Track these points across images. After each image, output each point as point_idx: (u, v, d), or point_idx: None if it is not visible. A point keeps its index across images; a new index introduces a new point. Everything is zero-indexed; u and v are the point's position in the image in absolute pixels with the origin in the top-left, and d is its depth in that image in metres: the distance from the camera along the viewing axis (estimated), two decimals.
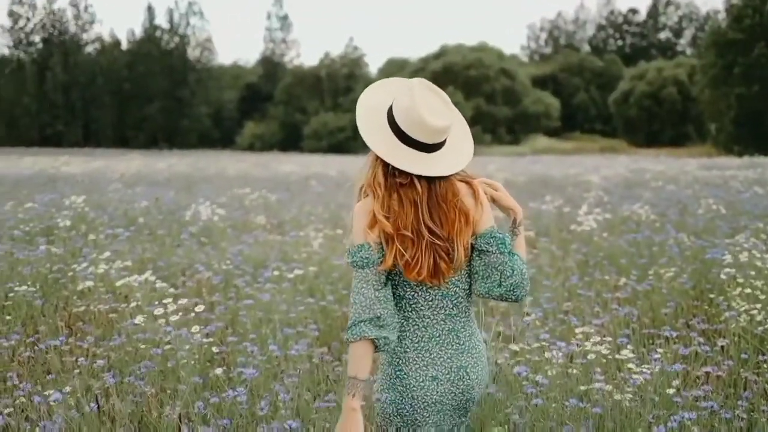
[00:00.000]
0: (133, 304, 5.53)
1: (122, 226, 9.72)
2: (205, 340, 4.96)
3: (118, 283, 5.90)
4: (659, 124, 69.06)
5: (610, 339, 4.66)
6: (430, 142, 2.65)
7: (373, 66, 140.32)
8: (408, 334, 2.76)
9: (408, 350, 2.76)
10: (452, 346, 2.77)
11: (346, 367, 2.72)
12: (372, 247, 2.65)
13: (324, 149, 62.11)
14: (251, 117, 75.04)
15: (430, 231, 2.66)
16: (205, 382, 4.58)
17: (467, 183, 2.77)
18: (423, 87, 2.68)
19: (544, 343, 4.68)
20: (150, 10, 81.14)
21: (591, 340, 4.64)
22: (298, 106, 73.03)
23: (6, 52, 79.96)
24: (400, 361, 2.77)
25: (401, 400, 2.76)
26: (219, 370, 4.53)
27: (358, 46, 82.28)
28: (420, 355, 2.75)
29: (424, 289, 2.74)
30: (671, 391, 4.30)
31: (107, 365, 4.72)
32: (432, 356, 2.75)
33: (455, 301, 2.77)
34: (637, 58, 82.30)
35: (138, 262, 7.78)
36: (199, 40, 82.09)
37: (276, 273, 6.61)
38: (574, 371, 4.43)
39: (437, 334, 2.76)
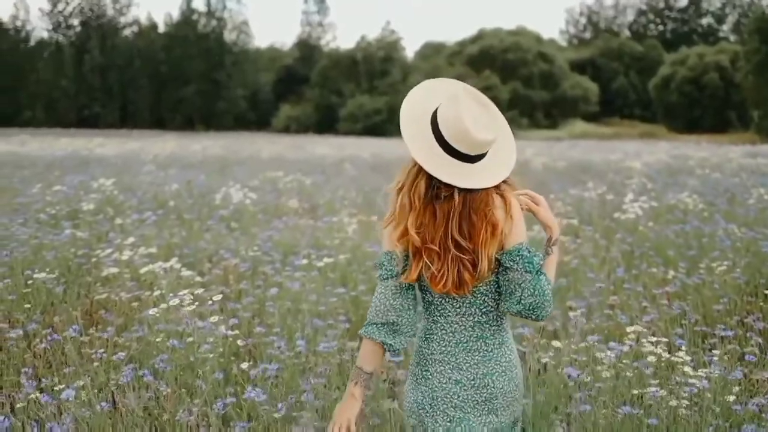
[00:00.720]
0: (156, 293, 5.27)
1: (151, 209, 9.49)
2: (230, 332, 4.69)
3: (142, 270, 5.63)
4: (700, 110, 67.90)
5: (665, 339, 4.29)
6: (474, 154, 2.62)
7: (410, 49, 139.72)
8: (435, 337, 2.76)
9: (434, 353, 2.76)
10: (479, 353, 2.73)
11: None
12: (398, 258, 2.69)
13: (359, 132, 61.85)
14: (287, 99, 74.93)
15: (457, 244, 2.63)
16: (228, 377, 4.30)
17: (501, 196, 2.69)
18: (469, 97, 2.63)
19: (593, 343, 4.33)
20: None
21: (645, 339, 4.30)
22: (334, 89, 72.77)
23: (45, 35, 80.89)
24: (427, 363, 2.77)
25: (422, 400, 2.76)
26: (244, 365, 4.25)
27: (394, 30, 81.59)
28: (446, 359, 2.74)
29: (452, 297, 2.72)
30: (731, 398, 3.95)
31: (127, 359, 4.46)
32: (458, 361, 2.74)
33: (484, 310, 2.73)
34: (678, 44, 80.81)
35: (164, 247, 7.50)
36: (235, 23, 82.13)
37: (305, 261, 6.29)
38: (627, 374, 4.07)
39: (464, 340, 2.74)
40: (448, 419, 2.72)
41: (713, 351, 4.66)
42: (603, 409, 3.81)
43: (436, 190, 2.63)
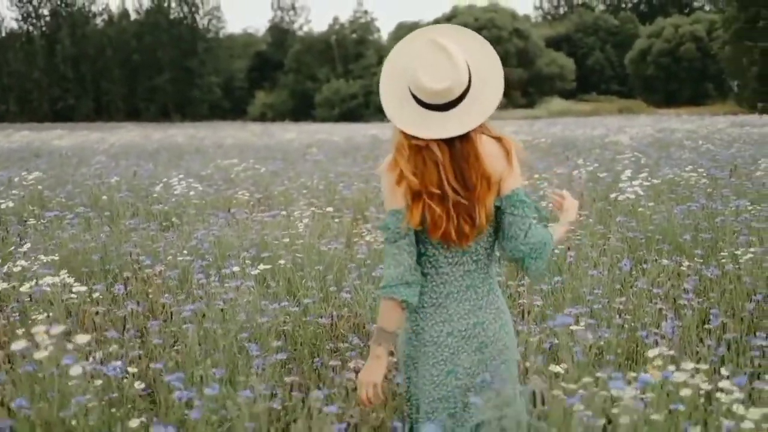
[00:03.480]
0: (42, 316, 4.08)
1: (81, 205, 8.24)
2: (130, 369, 3.54)
3: (24, 288, 4.42)
4: (677, 82, 67.33)
5: (704, 367, 3.15)
6: (437, 103, 2.60)
7: (384, 31, 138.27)
8: (427, 290, 2.76)
9: (426, 306, 2.76)
10: (470, 301, 2.75)
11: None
12: (404, 215, 2.66)
13: (336, 117, 60.72)
14: (262, 86, 73.64)
15: (455, 191, 2.61)
16: None
17: (499, 141, 2.68)
18: (427, 44, 2.61)
19: (604, 376, 3.18)
20: None
21: (675, 367, 3.16)
22: (309, 74, 71.62)
23: (15, 25, 79.23)
24: (418, 317, 2.77)
25: (416, 355, 2.77)
26: (135, 423, 3.09)
27: (367, 11, 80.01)
28: (438, 311, 2.74)
29: (446, 247, 2.71)
30: None
31: None
32: (449, 312, 2.74)
33: (475, 257, 2.74)
34: (653, 16, 79.99)
35: (74, 253, 6.19)
36: (206, 8, 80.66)
37: (237, 268, 5.02)
38: (655, 417, 2.93)
39: (455, 291, 2.74)
40: (437, 372, 2.71)
41: (760, 369, 3.56)
42: None
43: (410, 139, 2.63)
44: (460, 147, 2.61)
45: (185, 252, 5.95)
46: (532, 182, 8.96)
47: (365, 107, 62.85)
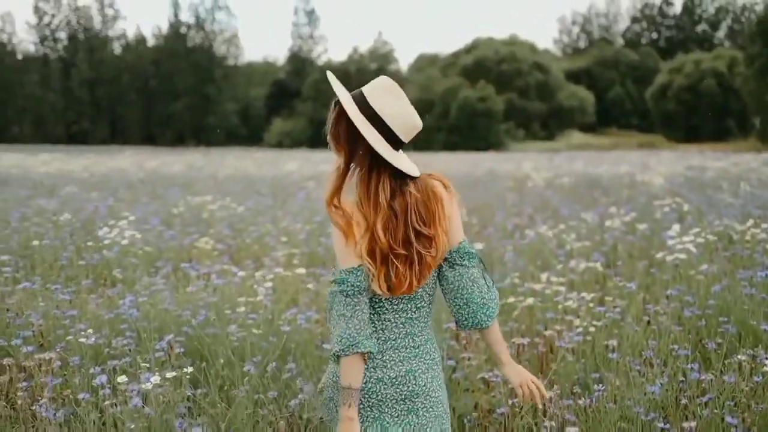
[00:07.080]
0: None
1: (7, 252, 6.68)
2: None
3: None
4: (699, 118, 65.97)
5: None
6: (405, 141, 2.60)
7: (404, 62, 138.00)
8: None
9: None
10: (406, 349, 2.62)
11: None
12: (363, 273, 2.51)
13: None
14: (279, 114, 72.91)
15: (417, 234, 2.52)
16: None
17: (440, 180, 2.62)
18: (395, 89, 2.66)
19: None
20: (175, 5, 79.51)
21: None
22: (327, 103, 70.65)
23: (32, 48, 79.48)
24: None
25: (339, 399, 2.58)
26: None
27: (387, 41, 79.27)
28: (373, 357, 2.57)
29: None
30: None
31: None
32: (384, 359, 2.59)
33: (419, 304, 2.63)
34: (673, 52, 79.13)
35: None
36: (225, 36, 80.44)
37: (153, 379, 3.39)
38: None
39: (393, 338, 2.61)
40: (362, 419, 2.56)
41: None
42: None
43: (400, 187, 2.54)
44: (419, 181, 2.57)
45: (90, 331, 4.34)
46: (556, 233, 7.42)
47: None
